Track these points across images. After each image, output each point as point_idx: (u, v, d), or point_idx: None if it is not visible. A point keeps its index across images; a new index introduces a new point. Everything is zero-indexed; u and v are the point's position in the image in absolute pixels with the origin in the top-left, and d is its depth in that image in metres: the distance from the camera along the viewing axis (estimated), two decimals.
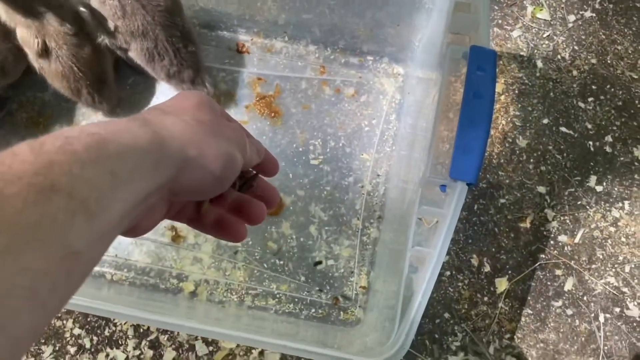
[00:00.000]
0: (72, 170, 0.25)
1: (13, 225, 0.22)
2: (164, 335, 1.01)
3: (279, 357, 1.00)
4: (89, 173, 0.25)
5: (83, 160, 0.25)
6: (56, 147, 0.25)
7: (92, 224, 0.25)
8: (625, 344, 1.01)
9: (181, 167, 0.32)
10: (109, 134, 0.28)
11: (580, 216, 1.07)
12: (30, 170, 0.23)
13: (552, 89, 1.15)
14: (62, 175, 0.24)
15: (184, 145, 0.33)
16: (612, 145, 1.11)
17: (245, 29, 1.16)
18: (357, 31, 1.11)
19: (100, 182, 0.26)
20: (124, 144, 0.28)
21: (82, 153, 0.26)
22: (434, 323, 1.02)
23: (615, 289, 1.04)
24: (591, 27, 1.19)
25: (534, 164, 1.10)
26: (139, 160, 0.29)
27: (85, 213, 0.25)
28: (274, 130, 1.11)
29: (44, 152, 0.25)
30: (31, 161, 0.24)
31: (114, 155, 0.27)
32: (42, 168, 0.24)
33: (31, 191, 0.23)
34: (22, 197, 0.22)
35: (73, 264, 0.24)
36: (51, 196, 0.23)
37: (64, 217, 0.24)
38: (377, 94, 1.14)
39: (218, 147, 0.35)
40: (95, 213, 0.25)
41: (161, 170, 0.30)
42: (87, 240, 0.25)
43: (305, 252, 1.05)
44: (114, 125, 0.29)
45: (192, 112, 0.36)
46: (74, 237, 0.24)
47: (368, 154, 1.11)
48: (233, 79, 1.14)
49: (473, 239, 1.06)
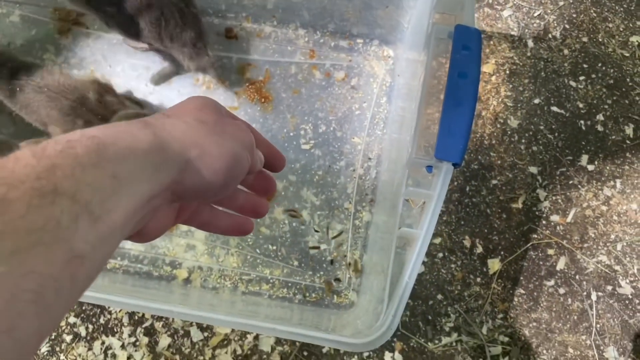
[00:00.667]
0: (74, 174, 0.25)
1: (18, 229, 0.22)
2: (159, 322, 1.01)
3: (274, 341, 1.01)
4: (91, 176, 0.25)
5: (85, 164, 0.25)
6: (57, 151, 0.25)
7: (96, 227, 0.25)
8: (617, 322, 1.02)
9: (183, 168, 0.32)
10: (109, 137, 0.28)
11: (572, 195, 1.07)
12: (33, 174, 0.24)
13: (543, 68, 1.14)
14: (65, 179, 0.24)
15: (186, 146, 0.32)
16: (603, 123, 1.11)
17: (233, 14, 1.15)
18: (347, 14, 1.10)
19: (102, 185, 0.26)
20: (125, 147, 0.28)
21: (83, 156, 0.26)
22: (427, 304, 1.03)
23: (607, 267, 1.04)
24: (582, 5, 1.18)
25: (525, 144, 1.10)
26: (140, 162, 0.29)
27: (88, 216, 0.25)
28: (264, 115, 1.11)
29: (45, 156, 0.25)
30: (33, 165, 0.24)
31: (115, 158, 0.27)
32: (45, 172, 0.24)
33: (34, 195, 0.23)
34: (25, 201, 0.23)
35: (78, 268, 0.24)
36: (54, 200, 0.23)
37: (68, 220, 0.24)
38: (368, 77, 1.13)
39: (222, 146, 0.34)
40: (99, 216, 0.25)
41: (163, 172, 0.30)
42: (92, 244, 0.25)
43: (298, 237, 1.05)
44: (114, 128, 0.29)
45: (195, 113, 0.36)
46: (79, 241, 0.24)
47: (359, 137, 1.10)
48: (222, 65, 1.13)
49: (465, 220, 1.06)
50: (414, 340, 1.01)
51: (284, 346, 1.00)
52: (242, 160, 0.36)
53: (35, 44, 1.13)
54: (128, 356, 0.99)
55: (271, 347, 1.00)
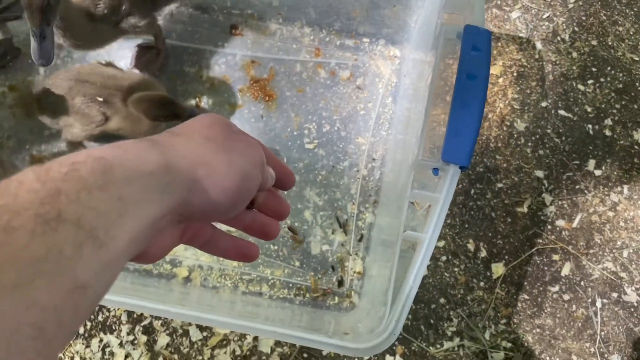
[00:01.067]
0: (79, 198, 0.24)
1: (20, 260, 0.21)
2: (158, 321, 1.00)
3: (273, 342, 1.00)
4: (96, 200, 0.25)
5: (90, 187, 0.25)
6: (62, 173, 0.24)
7: (100, 255, 0.24)
8: (622, 329, 1.01)
9: (191, 188, 0.31)
10: (116, 158, 0.27)
11: (578, 200, 1.06)
12: (37, 200, 0.23)
13: (552, 71, 1.13)
14: (70, 204, 0.23)
15: (193, 165, 0.31)
16: (611, 128, 1.10)
17: (238, 11, 1.14)
18: (353, 12, 1.09)
19: (108, 209, 0.25)
20: (131, 168, 0.27)
21: (88, 179, 0.25)
22: (430, 308, 1.01)
23: (612, 274, 1.03)
24: (592, 7, 1.16)
25: (532, 148, 1.08)
26: (146, 183, 0.28)
27: (93, 243, 0.24)
28: (268, 114, 1.10)
29: (50, 179, 0.24)
30: (37, 190, 0.23)
31: (121, 180, 0.26)
32: (49, 197, 0.23)
33: (38, 222, 0.22)
34: (28, 229, 0.22)
35: (80, 298, 0.23)
36: (58, 227, 0.23)
37: (71, 249, 0.23)
38: (373, 76, 1.12)
39: (231, 164, 0.33)
40: (103, 242, 0.24)
41: (170, 193, 0.29)
42: (95, 272, 0.24)
43: (300, 237, 1.04)
44: (120, 148, 0.28)
45: (203, 132, 0.35)
46: (82, 270, 0.23)
47: (364, 137, 1.09)
48: (227, 61, 1.12)
49: (469, 223, 1.05)
50: (415, 344, 0.99)
51: (284, 347, 0.99)
52: (251, 178, 0.35)
53: None
54: (126, 354, 0.98)
55: (270, 349, 0.99)
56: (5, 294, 0.20)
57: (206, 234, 0.38)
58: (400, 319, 0.57)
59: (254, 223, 0.41)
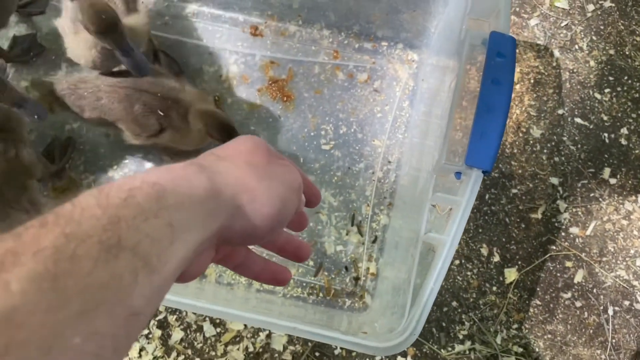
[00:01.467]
0: (136, 225, 0.25)
1: (85, 288, 0.22)
2: (173, 316, 1.01)
3: (286, 340, 1.01)
4: (151, 227, 0.26)
5: (146, 213, 0.26)
6: (121, 199, 0.25)
7: (152, 281, 0.25)
8: (633, 337, 1.01)
9: (234, 213, 0.32)
10: (168, 183, 0.28)
11: (592, 208, 1.07)
12: (99, 227, 0.24)
13: (569, 79, 1.13)
14: (128, 230, 0.24)
15: (237, 192, 0.33)
16: (627, 137, 1.10)
17: (259, 12, 1.15)
18: (372, 16, 1.10)
19: (160, 236, 0.26)
20: (182, 194, 0.28)
21: (144, 205, 0.26)
22: (442, 311, 1.02)
23: (625, 282, 1.03)
24: (610, 17, 1.17)
25: (547, 155, 1.09)
26: (195, 210, 0.29)
27: (146, 270, 0.25)
28: (285, 114, 1.11)
29: (110, 205, 0.25)
30: (99, 216, 0.24)
31: (173, 206, 0.27)
32: (110, 224, 0.24)
33: (101, 250, 0.23)
34: (93, 257, 0.23)
35: (133, 324, 0.24)
36: (118, 254, 0.23)
37: (129, 276, 0.24)
38: (391, 80, 1.13)
39: (271, 190, 0.35)
40: (155, 269, 0.25)
41: (215, 219, 0.31)
42: (148, 298, 0.25)
43: (315, 237, 1.05)
44: (172, 173, 0.29)
45: (246, 156, 0.36)
46: (137, 297, 0.24)
47: (380, 140, 1.10)
48: (246, 62, 1.13)
49: (483, 228, 1.05)
50: (427, 347, 1.00)
51: (296, 346, 1.00)
52: (290, 204, 0.36)
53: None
54: (140, 348, 0.99)
55: (283, 346, 1.00)
56: (71, 323, 0.21)
57: (240, 256, 0.39)
58: (421, 320, 0.58)
59: (287, 245, 0.42)
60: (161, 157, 1.08)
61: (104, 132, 1.08)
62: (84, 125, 1.08)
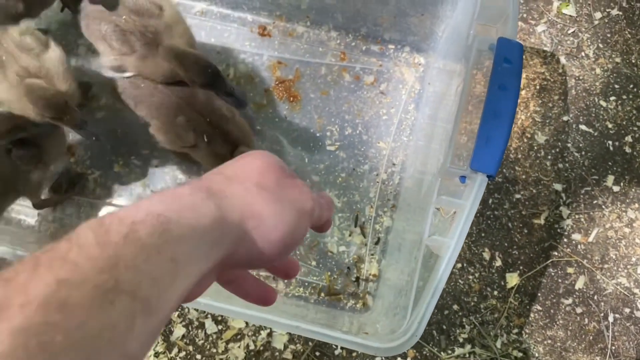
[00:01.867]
0: (136, 265, 0.24)
1: (74, 343, 0.21)
2: (174, 312, 1.02)
3: (287, 338, 1.01)
4: (152, 265, 0.25)
5: (148, 251, 0.25)
6: (122, 236, 0.24)
7: (150, 323, 0.24)
8: (633, 345, 1.01)
9: (239, 240, 0.31)
10: (174, 214, 0.27)
11: (595, 215, 1.07)
12: (96, 268, 0.23)
13: (574, 86, 1.13)
14: (127, 271, 0.23)
15: (244, 217, 0.32)
16: (631, 145, 1.10)
17: (267, 12, 1.16)
18: (380, 19, 1.11)
19: (162, 274, 0.25)
20: (187, 225, 0.27)
21: (146, 241, 0.25)
22: (443, 314, 1.02)
23: (626, 289, 1.04)
24: (617, 25, 1.17)
25: (551, 161, 1.09)
26: (199, 241, 0.28)
27: (144, 312, 0.24)
28: (291, 114, 1.12)
29: (109, 242, 0.24)
30: (96, 257, 0.23)
31: (176, 239, 0.26)
32: (108, 265, 0.23)
33: (96, 296, 0.22)
34: (86, 306, 0.21)
35: None
36: (114, 299, 0.22)
37: (125, 323, 0.23)
38: (397, 83, 1.14)
39: (280, 215, 0.33)
40: (154, 310, 0.24)
41: (219, 247, 0.30)
42: (144, 341, 0.24)
43: (317, 237, 1.05)
44: (179, 201, 0.28)
45: (256, 178, 0.35)
46: (132, 342, 0.23)
47: (385, 142, 1.10)
48: (253, 61, 1.14)
49: (486, 232, 1.06)
50: (427, 349, 1.00)
51: (297, 345, 1.01)
52: (299, 230, 0.35)
53: (71, 29, 1.14)
54: None
55: (284, 345, 1.01)
56: None
57: (232, 273, 0.38)
58: (423, 321, 0.59)
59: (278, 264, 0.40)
60: (170, 156, 1.08)
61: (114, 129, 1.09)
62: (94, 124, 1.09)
